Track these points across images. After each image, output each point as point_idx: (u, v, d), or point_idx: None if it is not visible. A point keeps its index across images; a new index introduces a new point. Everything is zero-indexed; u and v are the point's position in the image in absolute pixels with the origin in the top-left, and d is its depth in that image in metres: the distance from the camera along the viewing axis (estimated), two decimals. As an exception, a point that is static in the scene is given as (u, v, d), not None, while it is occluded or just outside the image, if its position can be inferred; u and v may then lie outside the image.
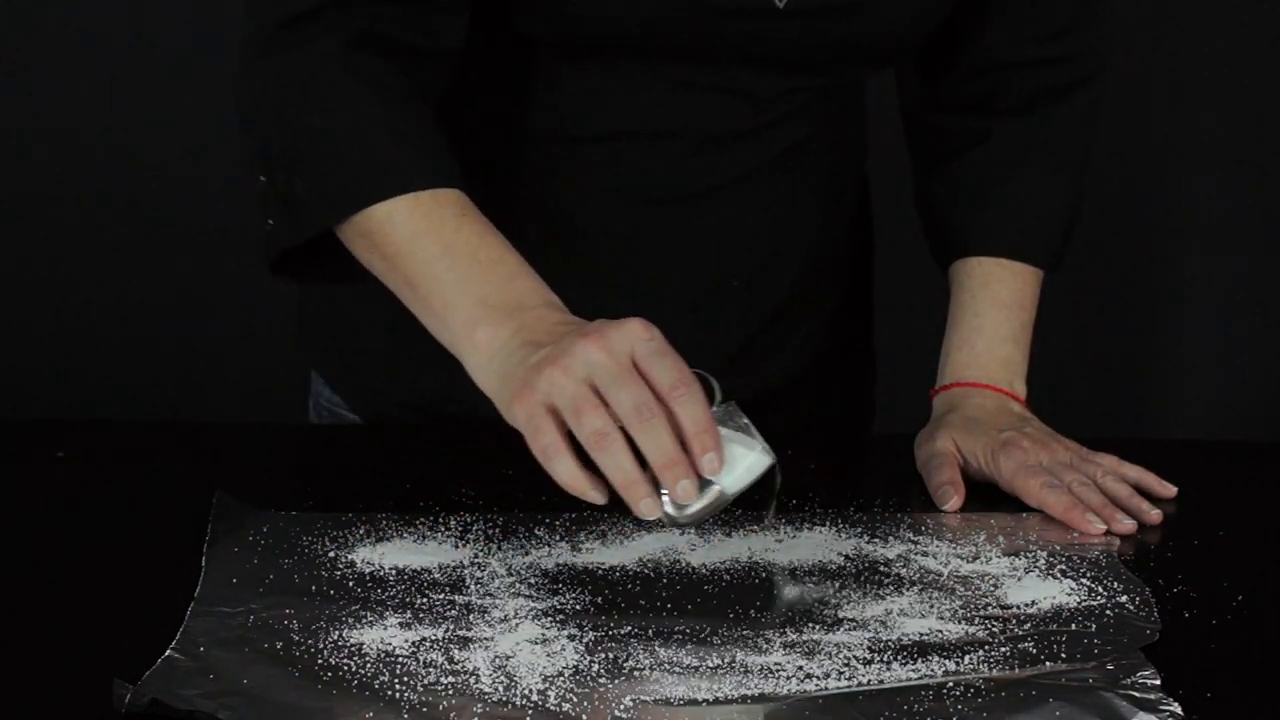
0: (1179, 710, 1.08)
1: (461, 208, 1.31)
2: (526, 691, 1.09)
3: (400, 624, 1.18)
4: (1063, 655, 1.16)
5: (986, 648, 1.17)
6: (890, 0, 1.46)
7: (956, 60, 1.59)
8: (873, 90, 1.65)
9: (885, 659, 1.15)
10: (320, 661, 1.13)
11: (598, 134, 1.50)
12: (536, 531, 1.33)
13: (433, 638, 1.16)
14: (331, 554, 1.28)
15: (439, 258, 1.28)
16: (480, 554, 1.29)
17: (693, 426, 1.16)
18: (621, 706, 1.08)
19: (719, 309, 1.56)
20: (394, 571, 1.26)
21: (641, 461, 1.16)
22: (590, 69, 1.48)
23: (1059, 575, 1.28)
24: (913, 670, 1.13)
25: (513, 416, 1.20)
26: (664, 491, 1.17)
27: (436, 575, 1.25)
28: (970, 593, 1.25)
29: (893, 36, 1.50)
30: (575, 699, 1.09)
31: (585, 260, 1.53)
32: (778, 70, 1.49)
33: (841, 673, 1.13)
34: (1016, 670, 1.14)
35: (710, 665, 1.13)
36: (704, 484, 1.17)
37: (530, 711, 1.07)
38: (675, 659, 1.14)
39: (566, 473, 1.18)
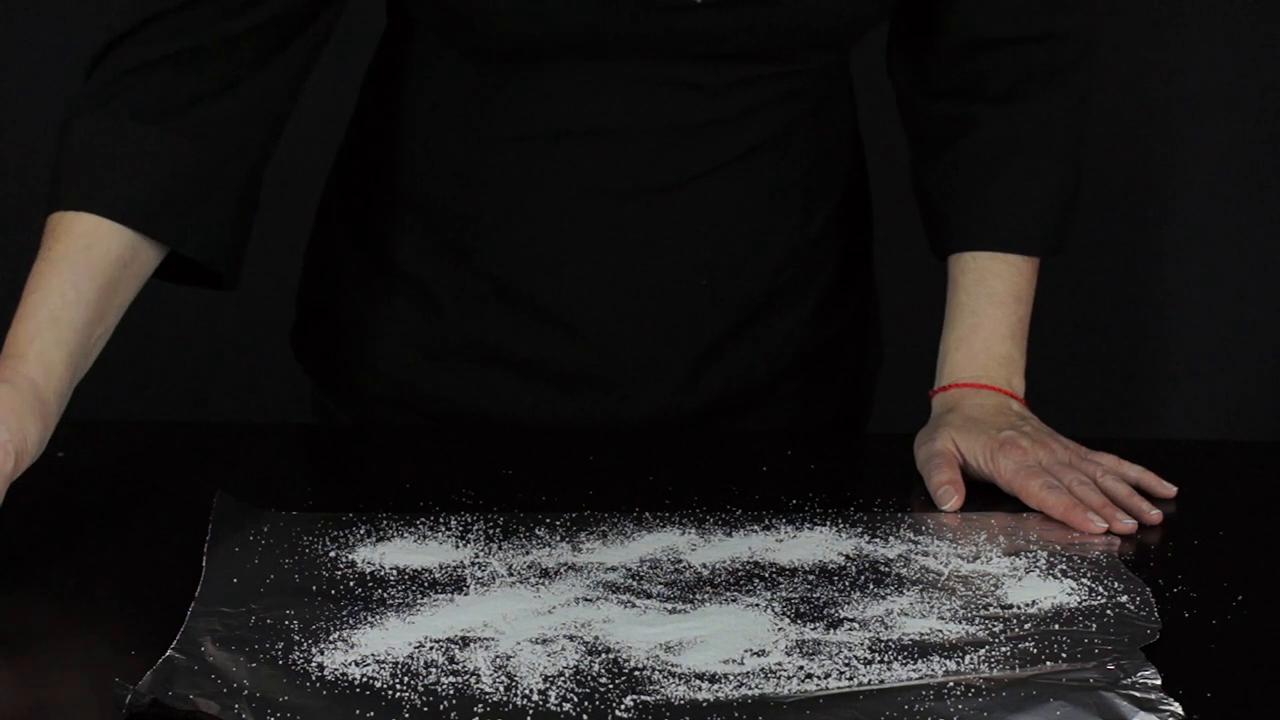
0: (1179, 710, 1.08)
1: (56, 235, 1.40)
2: (527, 691, 1.09)
3: (400, 624, 1.18)
4: (1063, 655, 1.16)
5: (987, 648, 1.17)
6: None
7: (939, 39, 1.57)
8: (877, 76, 1.64)
9: (885, 659, 1.15)
10: (320, 661, 1.13)
11: (555, 132, 1.50)
12: (536, 531, 1.33)
13: (433, 638, 1.16)
14: (332, 554, 1.28)
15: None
16: (480, 554, 1.29)
17: None
18: (622, 706, 1.08)
19: (691, 305, 1.55)
20: (394, 571, 1.26)
21: None
22: (537, 70, 1.48)
23: (1059, 575, 1.28)
24: (913, 670, 1.13)
25: None
26: None
27: (437, 575, 1.25)
28: (971, 593, 1.25)
29: (825, 23, 1.48)
30: (575, 699, 1.09)
31: (553, 258, 1.53)
32: (721, 61, 1.49)
33: (842, 673, 1.13)
34: (1017, 670, 1.13)
35: (711, 665, 1.13)
36: None
37: (530, 711, 1.07)
38: (676, 659, 1.14)
39: None
